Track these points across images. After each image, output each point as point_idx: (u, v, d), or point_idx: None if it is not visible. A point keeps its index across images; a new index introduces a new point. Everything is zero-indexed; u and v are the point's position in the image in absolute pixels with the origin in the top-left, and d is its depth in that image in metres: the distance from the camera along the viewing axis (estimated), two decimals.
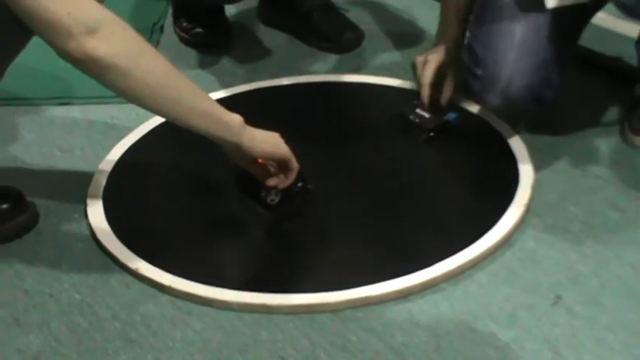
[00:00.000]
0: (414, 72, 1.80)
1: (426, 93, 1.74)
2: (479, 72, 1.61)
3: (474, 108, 1.80)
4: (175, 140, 1.71)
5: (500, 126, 1.74)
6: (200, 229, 1.54)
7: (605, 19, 1.64)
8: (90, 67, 1.24)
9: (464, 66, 1.68)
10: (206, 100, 1.38)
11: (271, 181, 1.50)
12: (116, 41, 1.25)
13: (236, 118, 1.40)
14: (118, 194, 1.62)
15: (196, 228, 1.54)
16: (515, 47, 1.58)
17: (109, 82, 1.27)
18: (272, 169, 1.50)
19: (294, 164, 1.48)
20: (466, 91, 1.73)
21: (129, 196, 1.64)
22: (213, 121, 1.37)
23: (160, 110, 1.35)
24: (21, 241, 1.53)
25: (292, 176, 1.50)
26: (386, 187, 1.61)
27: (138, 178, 1.69)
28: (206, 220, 1.56)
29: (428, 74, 1.73)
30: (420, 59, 1.77)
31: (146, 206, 1.61)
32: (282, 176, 1.50)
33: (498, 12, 1.61)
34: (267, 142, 1.45)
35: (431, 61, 1.73)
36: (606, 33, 1.64)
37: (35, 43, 1.38)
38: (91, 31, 1.21)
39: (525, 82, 1.58)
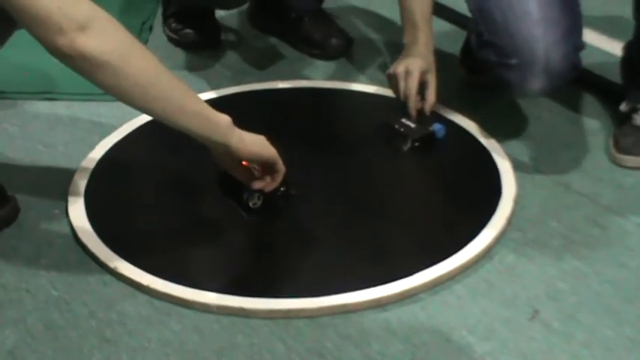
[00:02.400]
0: (390, 83, 1.77)
1: (413, 104, 1.74)
2: (513, 61, 1.60)
3: (458, 119, 1.80)
4: (159, 140, 1.70)
5: (485, 138, 1.74)
6: (181, 230, 1.53)
7: (590, 36, 1.64)
8: (79, 63, 1.23)
9: (487, 66, 1.67)
10: (196, 100, 1.38)
11: (257, 184, 1.50)
12: (107, 38, 1.24)
13: (225, 119, 1.39)
14: (99, 192, 1.62)
15: (177, 229, 1.54)
16: (538, 23, 1.57)
17: (98, 79, 1.26)
18: (256, 173, 1.50)
19: (281, 166, 1.48)
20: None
21: (110, 194, 1.63)
22: (202, 121, 1.37)
23: (149, 109, 1.34)
24: (0, 235, 1.52)
25: (279, 179, 1.49)
26: (368, 196, 1.61)
27: (120, 177, 1.68)
28: (187, 221, 1.56)
29: (413, 85, 1.72)
30: (400, 70, 1.72)
31: (127, 205, 1.61)
32: (268, 179, 1.50)
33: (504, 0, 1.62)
34: (255, 143, 1.44)
35: (414, 71, 1.71)
36: (591, 49, 1.65)
37: (20, 37, 1.37)
38: (82, 27, 1.20)
39: (561, 51, 1.58)
